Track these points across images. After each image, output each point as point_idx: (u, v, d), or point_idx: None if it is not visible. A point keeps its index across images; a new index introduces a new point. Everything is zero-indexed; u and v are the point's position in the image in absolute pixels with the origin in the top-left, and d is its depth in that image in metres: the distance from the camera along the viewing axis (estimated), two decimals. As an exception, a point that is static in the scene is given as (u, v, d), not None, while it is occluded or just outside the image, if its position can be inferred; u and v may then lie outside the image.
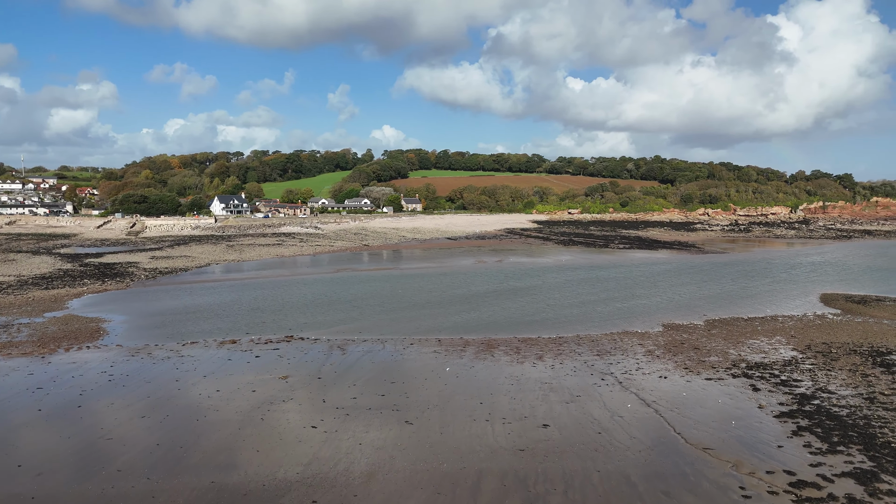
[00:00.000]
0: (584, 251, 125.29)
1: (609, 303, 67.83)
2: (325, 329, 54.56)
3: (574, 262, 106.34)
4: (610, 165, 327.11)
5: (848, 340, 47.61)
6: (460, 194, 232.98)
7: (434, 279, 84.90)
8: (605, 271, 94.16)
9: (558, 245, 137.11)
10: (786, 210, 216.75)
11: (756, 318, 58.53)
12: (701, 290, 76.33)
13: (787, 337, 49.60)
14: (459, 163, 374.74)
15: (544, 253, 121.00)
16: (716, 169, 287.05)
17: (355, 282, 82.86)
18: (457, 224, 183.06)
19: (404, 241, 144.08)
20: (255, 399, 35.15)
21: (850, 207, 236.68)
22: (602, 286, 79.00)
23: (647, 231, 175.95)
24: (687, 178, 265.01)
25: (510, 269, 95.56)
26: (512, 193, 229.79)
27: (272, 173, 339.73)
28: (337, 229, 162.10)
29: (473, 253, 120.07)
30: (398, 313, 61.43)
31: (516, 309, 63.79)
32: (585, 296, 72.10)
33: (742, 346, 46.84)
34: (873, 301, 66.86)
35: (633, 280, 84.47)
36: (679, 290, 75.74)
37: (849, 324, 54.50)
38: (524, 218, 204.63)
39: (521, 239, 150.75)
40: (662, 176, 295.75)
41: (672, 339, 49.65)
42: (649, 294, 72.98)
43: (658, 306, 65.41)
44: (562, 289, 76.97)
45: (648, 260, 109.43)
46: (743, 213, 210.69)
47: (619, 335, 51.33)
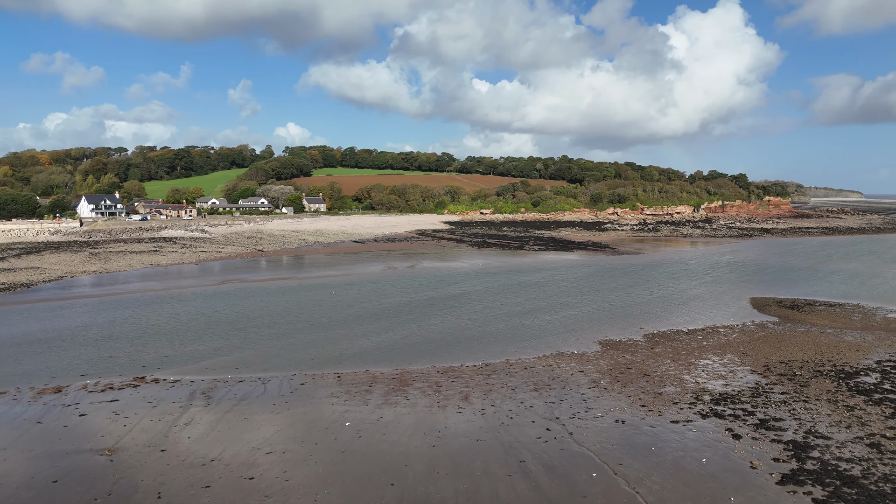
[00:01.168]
0: (499, 254, 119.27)
1: (536, 314, 60.91)
2: (192, 363, 43.22)
3: (491, 266, 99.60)
4: (519, 165, 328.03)
5: (805, 358, 42.98)
6: (368, 193, 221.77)
7: (338, 291, 74.56)
8: (525, 276, 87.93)
9: (472, 247, 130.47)
10: (689, 209, 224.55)
11: (696, 329, 53.55)
12: (629, 296, 71.50)
13: (739, 354, 44.39)
14: (367, 161, 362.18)
15: (459, 256, 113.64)
16: (621, 169, 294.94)
17: (243, 296, 70.88)
18: (364, 225, 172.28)
19: (305, 244, 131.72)
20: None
21: (746, 206, 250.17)
22: (525, 294, 72.26)
23: (560, 231, 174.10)
24: (595, 178, 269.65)
25: (424, 276, 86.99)
26: (422, 193, 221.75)
27: (158, 171, 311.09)
28: (227, 232, 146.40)
29: (383, 257, 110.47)
30: (291, 337, 50.90)
31: (434, 326, 55.14)
32: (510, 306, 64.85)
33: (694, 368, 40.85)
34: (805, 306, 64.48)
35: (556, 286, 78.56)
36: (607, 297, 70.45)
37: (794, 335, 50.51)
38: (436, 218, 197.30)
39: (433, 241, 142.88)
40: (570, 176, 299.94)
41: (615, 361, 42.93)
42: (577, 302, 66.98)
43: (589, 317, 59.26)
44: (482, 298, 69.36)
45: (567, 262, 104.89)
46: (650, 213, 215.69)
47: (555, 358, 44.02)
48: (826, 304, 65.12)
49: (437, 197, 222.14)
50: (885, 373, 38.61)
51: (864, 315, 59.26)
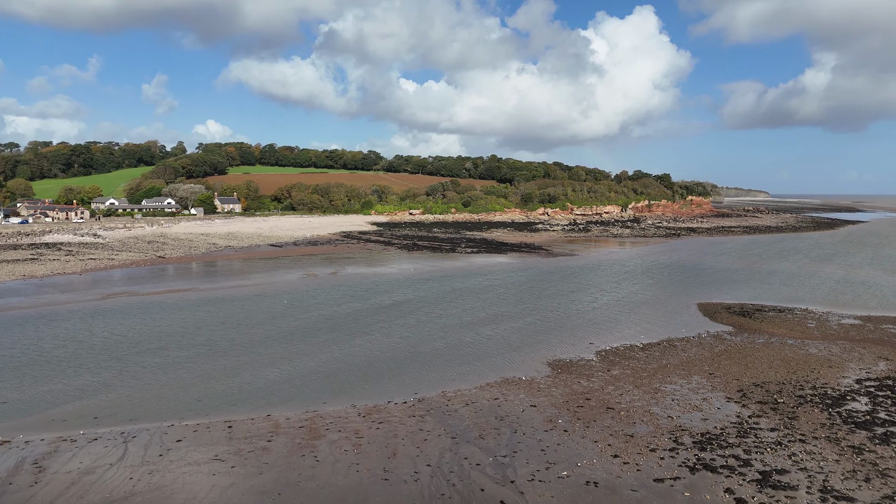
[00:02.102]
0: (431, 257, 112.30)
1: (476, 328, 54.25)
2: (38, 412, 33.48)
3: (423, 271, 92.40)
4: (448, 164, 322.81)
5: (779, 378, 38.40)
6: (288, 193, 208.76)
7: (245, 305, 65.01)
8: (460, 282, 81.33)
9: (402, 250, 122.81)
10: (617, 209, 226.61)
11: (651, 344, 48.49)
12: (573, 304, 66.30)
13: (706, 376, 39.32)
14: (288, 159, 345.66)
15: (387, 260, 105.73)
16: (550, 168, 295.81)
17: (131, 313, 60.10)
18: (283, 227, 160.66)
19: (215, 249, 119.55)
20: None
21: (671, 206, 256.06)
22: (462, 303, 65.55)
23: (492, 232, 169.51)
24: (524, 178, 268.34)
25: (349, 285, 78.56)
26: (348, 192, 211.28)
27: (52, 169, 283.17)
28: (125, 236, 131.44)
29: (303, 263, 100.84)
30: (180, 368, 41.60)
31: (358, 348, 47.23)
32: (446, 319, 57.86)
33: (662, 397, 35.23)
34: (755, 312, 61.28)
35: (494, 293, 72.39)
36: (549, 305, 64.90)
37: (756, 348, 46.32)
38: (362, 219, 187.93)
39: (359, 244, 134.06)
40: (500, 175, 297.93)
41: (570, 390, 36.71)
42: (518, 312, 60.92)
43: (534, 330, 53.21)
44: (415, 310, 61.99)
45: (502, 266, 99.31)
46: (580, 213, 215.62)
47: (501, 387, 37.32)
48: (775, 310, 62.27)
49: (363, 196, 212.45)
50: (872, 396, 34.42)
51: (817, 322, 56.43)
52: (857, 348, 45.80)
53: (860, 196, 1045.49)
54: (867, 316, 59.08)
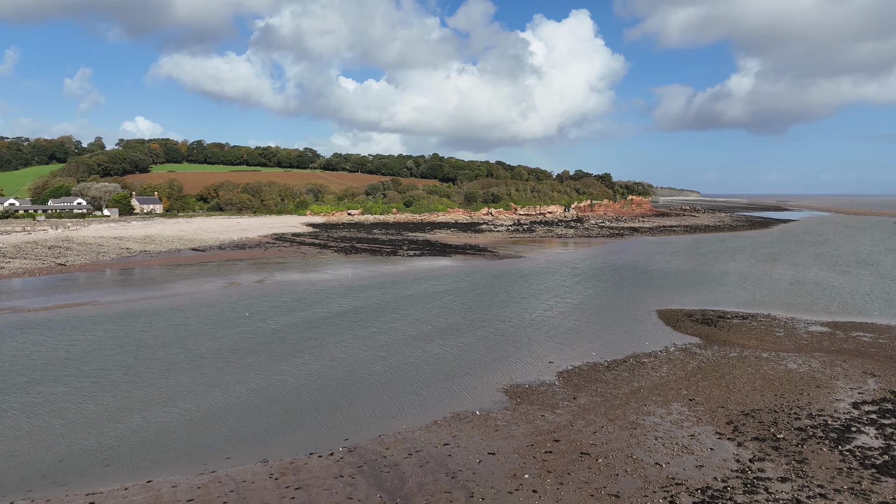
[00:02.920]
0: (370, 261, 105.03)
1: (420, 344, 47.86)
2: None
3: (361, 277, 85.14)
4: (389, 163, 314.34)
5: (767, 404, 33.82)
6: (215, 192, 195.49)
7: (152, 322, 56.12)
8: (402, 288, 74.66)
9: (339, 254, 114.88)
10: (560, 209, 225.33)
11: (617, 362, 43.43)
12: (526, 312, 60.94)
13: (686, 402, 34.33)
14: (218, 156, 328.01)
15: (322, 265, 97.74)
16: (493, 168, 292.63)
17: (5, 335, 50.26)
18: (209, 229, 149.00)
19: (128, 255, 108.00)
20: None
21: (613, 205, 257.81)
22: (405, 315, 58.94)
23: (435, 233, 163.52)
24: (467, 177, 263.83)
25: (277, 295, 70.47)
26: (281, 191, 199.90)
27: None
28: (22, 241, 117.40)
29: (227, 269, 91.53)
30: (48, 411, 33.17)
31: (280, 376, 39.86)
32: (386, 334, 51.12)
33: (644, 434, 29.85)
34: (718, 319, 57.59)
35: (439, 300, 66.14)
36: (500, 314, 59.26)
37: (730, 364, 41.97)
38: (297, 220, 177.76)
39: (292, 247, 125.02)
40: (442, 174, 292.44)
41: (534, 428, 30.84)
42: (467, 324, 54.90)
43: (485, 345, 47.28)
44: (351, 324, 54.87)
45: (447, 270, 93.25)
46: (524, 213, 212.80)
47: (451, 426, 31.07)
48: (738, 317, 58.83)
49: (298, 196, 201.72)
50: (879, 427, 30.20)
51: (786, 330, 53.07)
52: (838, 362, 42.18)
53: (782, 196, 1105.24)
54: (833, 322, 56.36)
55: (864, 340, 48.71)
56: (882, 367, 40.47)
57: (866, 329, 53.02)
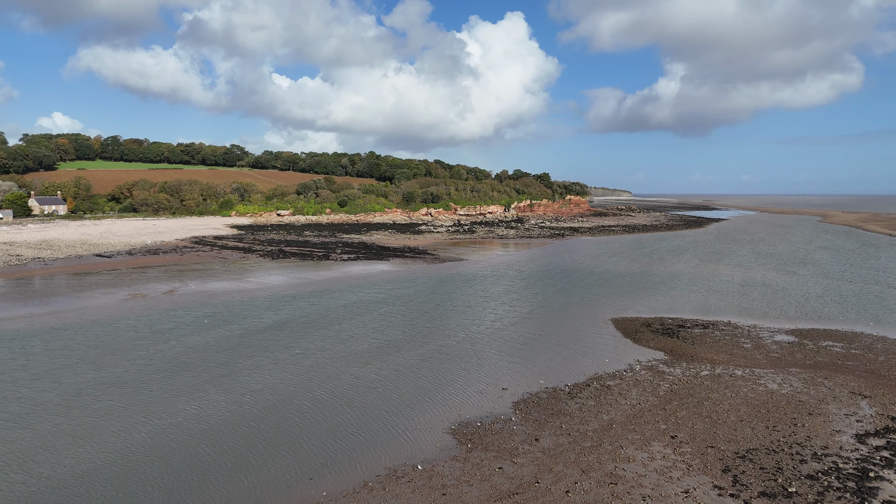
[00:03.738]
0: (300, 266, 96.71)
1: (353, 368, 41.01)
2: None
3: (289, 285, 77.03)
4: (323, 161, 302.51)
5: (762, 441, 29.06)
6: (129, 191, 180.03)
7: (23, 347, 46.56)
8: (335, 298, 67.26)
9: (265, 259, 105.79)
10: (501, 209, 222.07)
11: (579, 386, 38.09)
12: (472, 323, 55.07)
13: (668, 441, 29.16)
14: (135, 153, 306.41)
15: (245, 272, 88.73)
16: (431, 167, 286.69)
17: None
18: (119, 233, 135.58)
19: (17, 263, 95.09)
20: None
21: (552, 205, 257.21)
22: (337, 330, 51.76)
23: (372, 235, 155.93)
24: (405, 176, 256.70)
25: (187, 308, 61.65)
26: (203, 190, 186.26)
27: None
28: None
29: (133, 278, 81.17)
30: None
31: (171, 421, 32.12)
32: (313, 355, 43.90)
33: (626, 491, 24.33)
34: (678, 329, 53.54)
35: (377, 311, 59.28)
36: (443, 326, 53.09)
37: (705, 387, 37.38)
38: (220, 222, 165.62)
39: (212, 251, 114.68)
40: (379, 173, 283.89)
41: (492, 489, 24.78)
42: (407, 338, 48.39)
43: (429, 366, 40.97)
44: (271, 344, 47.25)
45: (385, 275, 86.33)
46: (464, 213, 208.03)
47: (385, 489, 24.62)
48: (699, 325, 55.02)
49: (222, 196, 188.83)
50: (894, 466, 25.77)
51: (752, 341, 49.42)
52: (819, 379, 38.35)
53: (708, 195, 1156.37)
54: (797, 330, 53.35)
55: (836, 351, 45.51)
56: (868, 386, 36.87)
57: (833, 338, 50.13)
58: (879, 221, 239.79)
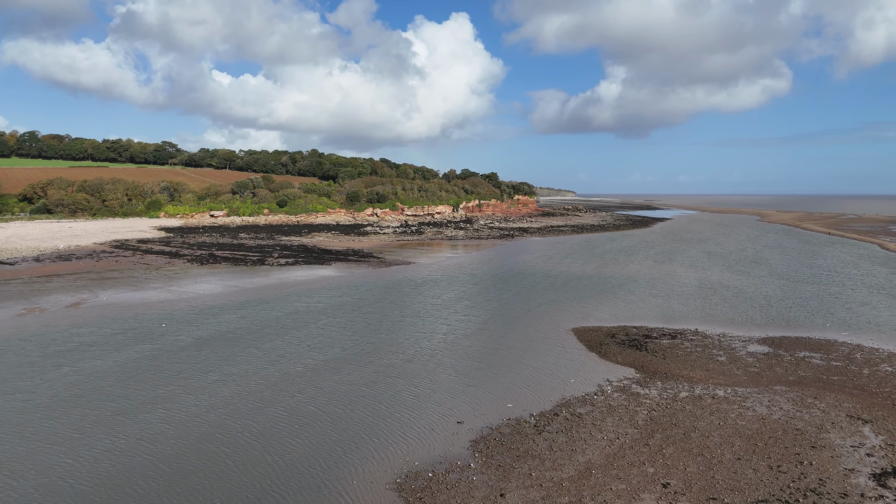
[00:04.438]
0: (232, 272, 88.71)
1: (280, 398, 34.67)
2: None
3: (215, 294, 69.34)
4: (262, 159, 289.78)
5: (770, 488, 24.62)
6: (43, 191, 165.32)
7: None
8: (266, 309, 60.22)
9: (193, 264, 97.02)
10: (449, 209, 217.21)
11: (545, 415, 33.09)
12: (422, 336, 49.44)
13: (658, 490, 24.40)
14: (55, 150, 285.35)
15: (169, 280, 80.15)
16: (377, 166, 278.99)
17: None
18: (28, 236, 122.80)
19: None
20: None
21: (500, 205, 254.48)
22: (265, 350, 45.07)
23: (314, 237, 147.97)
24: (350, 175, 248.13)
25: (92, 326, 53.42)
26: (128, 190, 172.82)
27: None
28: None
29: (34, 289, 71.52)
30: None
31: (40, 485, 25.00)
32: (232, 384, 37.19)
33: (622, 566, 19.14)
34: (644, 339, 49.50)
35: (315, 325, 52.75)
36: (390, 340, 47.21)
37: (688, 413, 33.00)
38: (147, 224, 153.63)
39: (135, 256, 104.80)
40: (322, 172, 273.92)
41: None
42: (349, 357, 42.26)
43: (373, 395, 35.08)
44: (184, 371, 40.20)
45: (326, 282, 79.56)
46: (411, 213, 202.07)
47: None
48: (666, 335, 51.18)
49: (149, 195, 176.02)
50: (933, 520, 21.74)
51: (726, 353, 45.76)
52: (809, 400, 34.63)
53: (648, 195, 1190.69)
54: (768, 338, 50.21)
55: (817, 364, 42.24)
56: (864, 407, 33.33)
57: (809, 347, 47.09)
58: (814, 220, 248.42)
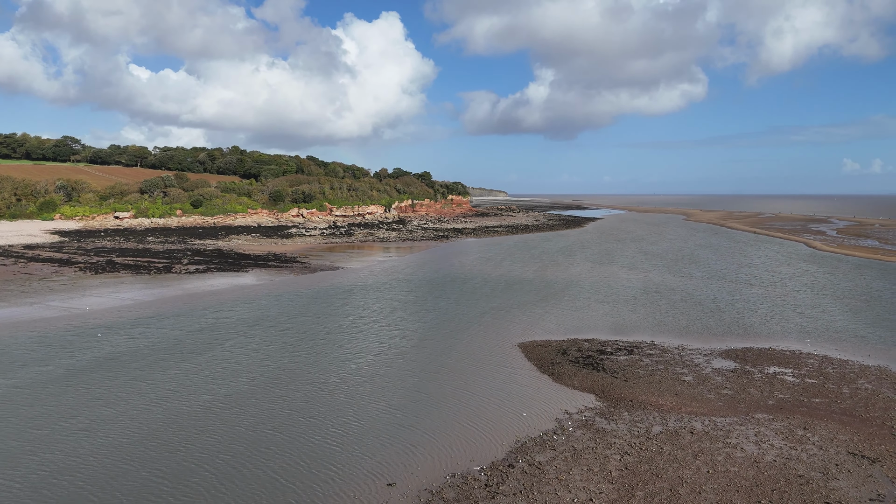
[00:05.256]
0: (131, 282, 78.08)
1: (156, 450, 26.82)
2: None
3: (104, 310, 59.33)
4: (177, 156, 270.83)
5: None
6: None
7: None
8: (161, 328, 51.17)
9: (85, 273, 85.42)
10: (381, 209, 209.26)
11: (497, 466, 26.94)
12: (349, 359, 42.36)
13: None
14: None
15: (50, 293, 68.96)
16: (304, 163, 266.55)
17: None
18: None
19: None
20: None
21: (434, 205, 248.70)
22: (153, 381, 36.67)
23: (232, 240, 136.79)
24: (274, 173, 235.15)
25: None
26: (18, 189, 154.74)
27: None
28: None
29: None
30: None
31: None
32: (95, 433, 28.88)
33: None
34: (599, 357, 44.42)
35: (220, 349, 44.50)
36: (310, 366, 39.85)
37: (666, 455, 27.72)
38: (39, 227, 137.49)
39: (17, 265, 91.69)
40: (244, 170, 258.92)
41: None
42: (255, 394, 34.60)
43: (276, 442, 27.82)
44: (39, 416, 31.42)
45: (241, 293, 70.68)
46: (340, 214, 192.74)
47: None
48: (621, 350, 46.34)
49: (44, 195, 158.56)
50: None
51: (692, 371, 41.18)
52: (799, 432, 30.12)
53: (576, 195, 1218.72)
54: (730, 350, 46.26)
55: (791, 382, 38.24)
56: (863, 439, 29.08)
57: (776, 360, 43.32)
58: (736, 219, 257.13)
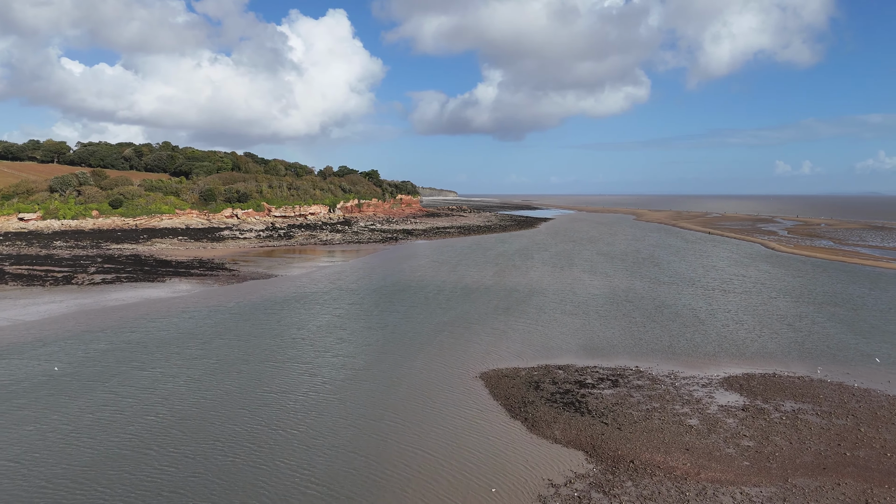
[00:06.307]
0: (14, 297, 66.10)
1: None
2: None
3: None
4: (100, 152, 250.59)
5: None
6: None
7: None
8: (38, 357, 40.62)
9: (-34, 287, 72.53)
10: (325, 209, 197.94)
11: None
12: (275, 399, 33.35)
13: None
14: None
15: None
16: (241, 160, 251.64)
17: None
18: None
19: None
20: None
21: (382, 205, 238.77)
22: (19, 436, 26.62)
23: (154, 244, 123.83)
24: (207, 170, 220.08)
25: None
26: None
27: None
28: None
29: None
30: None
31: None
32: None
33: None
34: (579, 391, 36.90)
35: (116, 382, 34.65)
36: (215, 412, 30.67)
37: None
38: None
39: None
40: (175, 167, 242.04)
41: None
42: (156, 450, 25.18)
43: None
44: None
45: (154, 308, 60.01)
46: (280, 214, 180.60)
47: None
48: (604, 380, 38.96)
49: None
50: None
51: (693, 409, 34.09)
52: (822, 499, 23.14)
53: (525, 195, 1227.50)
54: (730, 377, 39.54)
55: (819, 425, 31.56)
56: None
57: (788, 392, 36.75)
58: (686, 219, 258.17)
